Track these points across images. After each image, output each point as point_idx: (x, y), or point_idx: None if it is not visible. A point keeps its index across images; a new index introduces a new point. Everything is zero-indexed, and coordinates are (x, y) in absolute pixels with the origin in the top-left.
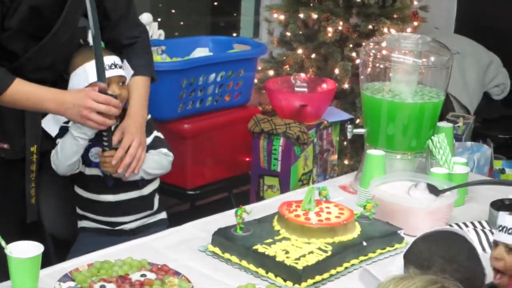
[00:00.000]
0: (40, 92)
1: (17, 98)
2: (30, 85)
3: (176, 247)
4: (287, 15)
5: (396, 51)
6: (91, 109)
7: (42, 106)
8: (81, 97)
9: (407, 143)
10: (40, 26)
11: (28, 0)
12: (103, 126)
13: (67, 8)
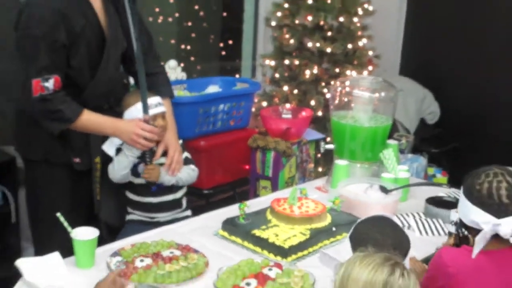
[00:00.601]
0: (101, 120)
1: (84, 124)
2: (95, 114)
3: (195, 232)
4: (276, 61)
5: (356, 88)
6: (139, 136)
7: (103, 131)
8: (132, 126)
9: (364, 155)
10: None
11: (83, 40)
12: (147, 147)
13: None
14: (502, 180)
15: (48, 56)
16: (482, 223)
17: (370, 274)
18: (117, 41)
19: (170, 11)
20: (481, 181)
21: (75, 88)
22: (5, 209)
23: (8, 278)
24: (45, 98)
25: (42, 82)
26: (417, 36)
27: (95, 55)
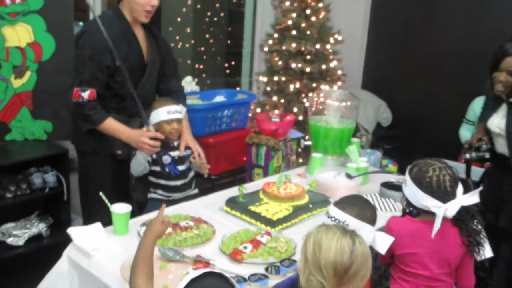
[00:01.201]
0: (119, 128)
1: (107, 128)
2: (116, 123)
3: (205, 208)
4: (267, 78)
5: (328, 99)
6: (144, 143)
7: (119, 136)
8: (137, 135)
9: (334, 150)
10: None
11: (126, 63)
12: (153, 151)
13: (148, 70)
14: (446, 174)
15: (91, 73)
16: (432, 207)
17: (338, 244)
18: (155, 64)
19: (187, 39)
20: (430, 175)
21: (119, 98)
22: (58, 189)
23: (61, 243)
24: (79, 104)
25: (81, 92)
26: (375, 59)
27: (136, 74)
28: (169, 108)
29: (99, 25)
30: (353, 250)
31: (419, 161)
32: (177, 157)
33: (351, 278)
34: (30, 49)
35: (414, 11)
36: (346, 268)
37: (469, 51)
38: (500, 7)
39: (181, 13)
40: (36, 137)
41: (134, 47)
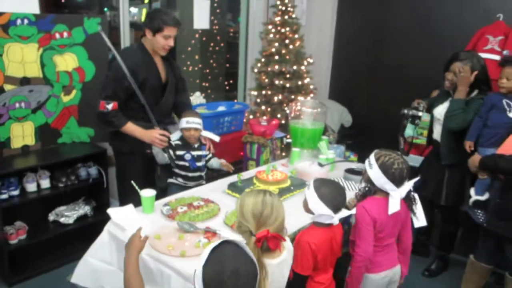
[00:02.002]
0: (135, 129)
1: (126, 130)
2: (133, 126)
3: (212, 191)
4: (257, 92)
5: (304, 107)
6: (155, 138)
7: (136, 135)
8: (151, 133)
9: (309, 145)
10: (155, 96)
11: (146, 85)
12: (161, 145)
13: (168, 88)
14: (404, 168)
15: (113, 91)
16: (390, 190)
17: (253, 199)
18: (173, 83)
19: (196, 63)
20: (395, 167)
21: (144, 112)
22: (99, 180)
23: (102, 221)
24: (104, 113)
25: (106, 104)
26: (338, 76)
27: (156, 92)
28: (188, 119)
29: (125, 55)
30: (263, 200)
31: (381, 152)
32: (196, 156)
33: (265, 220)
34: (75, 73)
35: (368, 38)
36: (260, 213)
37: (409, 68)
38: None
39: (190, 44)
40: (81, 140)
41: (154, 72)
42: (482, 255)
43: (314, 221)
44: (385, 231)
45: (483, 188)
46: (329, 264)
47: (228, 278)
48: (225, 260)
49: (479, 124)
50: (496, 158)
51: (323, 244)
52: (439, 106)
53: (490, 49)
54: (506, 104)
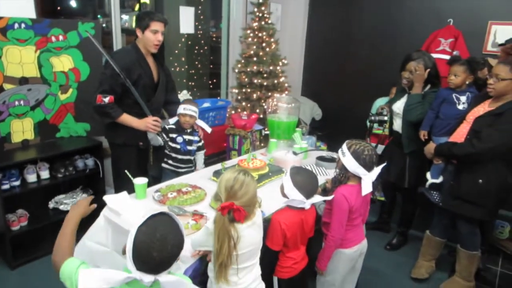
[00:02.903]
0: (130, 119)
1: (122, 121)
2: (128, 116)
3: (200, 178)
4: (238, 90)
5: (279, 103)
6: (149, 123)
7: (132, 125)
8: (144, 121)
9: (284, 136)
10: (147, 94)
11: (140, 82)
12: (155, 130)
13: (160, 86)
14: (373, 154)
15: (109, 86)
16: (361, 174)
17: (228, 175)
18: (163, 83)
19: (183, 65)
20: (366, 153)
21: (138, 108)
22: (96, 170)
23: (99, 207)
24: (101, 106)
25: (103, 97)
26: (309, 75)
27: (149, 89)
28: (185, 106)
29: (120, 54)
30: (236, 177)
31: (353, 141)
32: (187, 140)
33: (234, 194)
34: (71, 73)
35: (335, 41)
36: (230, 187)
37: (372, 68)
38: (400, 37)
39: (177, 47)
40: (78, 134)
41: (146, 71)
42: (436, 230)
43: (287, 204)
44: (357, 213)
45: (438, 172)
46: (300, 242)
47: (157, 240)
48: (158, 225)
49: (432, 116)
50: (450, 145)
51: (293, 225)
52: (397, 102)
53: (442, 50)
54: (456, 98)
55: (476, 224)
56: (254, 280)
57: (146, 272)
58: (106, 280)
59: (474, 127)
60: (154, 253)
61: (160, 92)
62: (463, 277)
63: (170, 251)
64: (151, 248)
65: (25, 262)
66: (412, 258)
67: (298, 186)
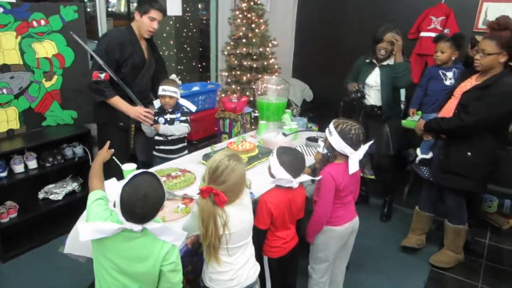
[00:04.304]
0: (122, 104)
1: (113, 103)
2: (121, 100)
3: (189, 162)
4: (228, 73)
5: (269, 84)
6: (140, 114)
7: (122, 109)
8: (136, 110)
9: (274, 117)
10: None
11: (130, 60)
12: (147, 122)
13: (146, 67)
14: (360, 133)
15: (105, 62)
16: (348, 153)
17: (217, 156)
18: (150, 65)
19: (171, 48)
20: (353, 132)
21: (126, 84)
22: (85, 158)
23: None
24: (97, 82)
25: (99, 74)
26: (300, 56)
27: (137, 70)
28: (164, 87)
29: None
30: (220, 161)
31: (339, 121)
32: (169, 119)
33: (215, 178)
34: (55, 59)
35: (326, 22)
36: (213, 171)
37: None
38: (391, 16)
39: (165, 30)
40: (65, 122)
41: (138, 50)
42: (425, 206)
43: (275, 184)
44: (346, 190)
45: (428, 148)
46: (289, 222)
47: (139, 199)
48: (141, 185)
49: (420, 94)
50: (439, 120)
51: (280, 204)
52: (370, 76)
53: (433, 28)
54: (442, 74)
55: (463, 199)
56: (247, 261)
57: (135, 222)
58: (102, 231)
59: (462, 101)
60: (137, 210)
61: (145, 73)
62: (452, 250)
63: (151, 207)
64: (134, 205)
65: (16, 254)
66: (402, 233)
67: (285, 165)
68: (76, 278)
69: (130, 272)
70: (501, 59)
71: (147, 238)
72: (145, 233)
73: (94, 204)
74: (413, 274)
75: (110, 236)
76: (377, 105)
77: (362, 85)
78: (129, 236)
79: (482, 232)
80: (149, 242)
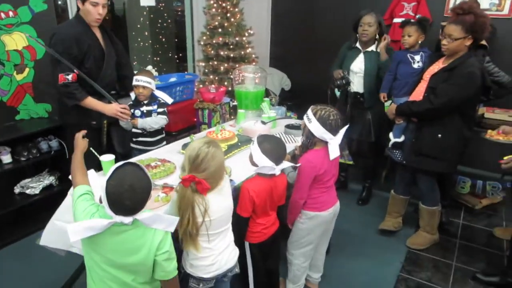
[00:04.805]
0: (97, 104)
1: (87, 104)
2: (94, 100)
3: (168, 152)
4: (205, 63)
5: (246, 73)
6: (117, 111)
7: (97, 109)
8: (112, 108)
9: (252, 106)
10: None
11: (90, 53)
12: (124, 118)
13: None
14: (338, 118)
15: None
16: (328, 139)
17: (196, 144)
18: (111, 55)
19: (146, 39)
20: (332, 118)
21: (91, 79)
22: (61, 151)
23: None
24: (66, 85)
25: (65, 76)
26: (277, 45)
27: (99, 62)
28: (137, 77)
29: (65, 27)
30: (199, 148)
31: (318, 107)
32: (145, 111)
33: (196, 166)
34: (26, 51)
35: (302, 10)
36: (193, 160)
37: (337, 36)
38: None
39: (140, 21)
40: (39, 115)
41: (94, 42)
42: (399, 189)
43: (257, 172)
44: (328, 175)
45: (400, 132)
46: (269, 209)
47: (125, 191)
48: (125, 176)
49: (390, 78)
50: (409, 104)
51: (262, 192)
52: (355, 62)
53: (405, 14)
54: (410, 58)
55: (435, 180)
56: (227, 246)
57: (124, 215)
58: (92, 228)
59: (430, 84)
60: (126, 202)
61: (109, 65)
62: (427, 231)
63: (140, 197)
64: (122, 198)
65: None
66: (380, 217)
67: (267, 153)
68: (57, 270)
69: (123, 265)
70: (467, 42)
71: (138, 230)
72: (136, 225)
73: (79, 199)
74: (390, 255)
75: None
76: (359, 92)
77: (347, 71)
78: (118, 229)
79: (456, 213)
80: (140, 234)
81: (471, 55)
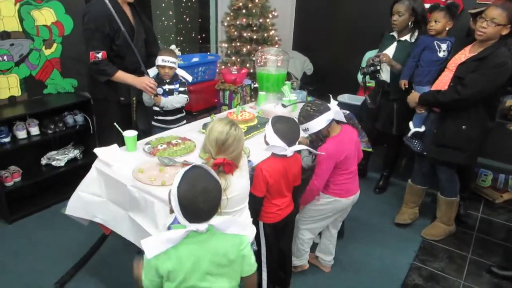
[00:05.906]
0: (126, 76)
1: (118, 77)
2: (123, 73)
3: (190, 130)
4: (228, 44)
5: (268, 55)
6: (146, 85)
7: (127, 82)
8: (142, 80)
9: (273, 89)
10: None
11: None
12: (151, 92)
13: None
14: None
15: (98, 40)
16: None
17: (220, 127)
18: (140, 32)
19: (170, 19)
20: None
21: (120, 58)
22: (86, 126)
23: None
24: (96, 63)
25: (96, 54)
26: (300, 28)
27: (129, 39)
28: (163, 58)
29: (96, 5)
30: (228, 132)
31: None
32: (168, 89)
33: (226, 149)
34: (55, 27)
35: None
36: (222, 143)
37: (363, 20)
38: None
39: (164, 1)
40: (66, 90)
41: (125, 20)
42: (417, 179)
43: (272, 153)
44: (350, 158)
45: (420, 121)
46: (285, 190)
47: (199, 194)
48: (196, 180)
49: (412, 64)
50: (435, 93)
51: (275, 172)
52: (387, 50)
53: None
54: (437, 45)
55: (455, 171)
56: None
57: (199, 222)
58: (169, 241)
59: (457, 73)
60: (201, 205)
61: (138, 41)
62: (444, 222)
63: (214, 198)
64: (196, 202)
65: (21, 216)
66: (396, 206)
67: (279, 134)
68: (79, 237)
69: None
70: (504, 31)
71: (218, 238)
72: (212, 233)
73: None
74: (405, 244)
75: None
76: (387, 81)
77: (378, 59)
78: (197, 240)
79: (475, 206)
80: (222, 240)
81: (502, 44)
